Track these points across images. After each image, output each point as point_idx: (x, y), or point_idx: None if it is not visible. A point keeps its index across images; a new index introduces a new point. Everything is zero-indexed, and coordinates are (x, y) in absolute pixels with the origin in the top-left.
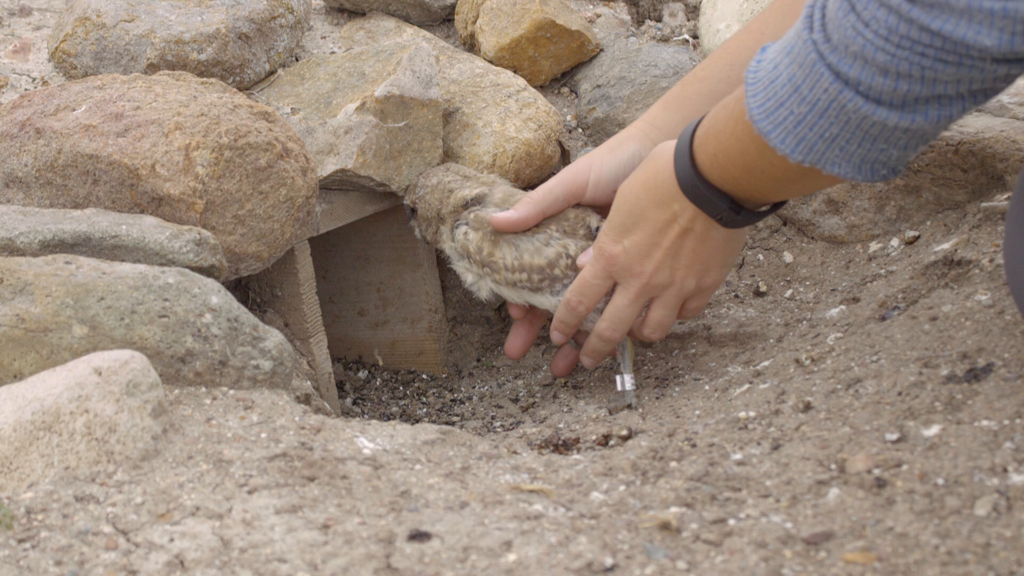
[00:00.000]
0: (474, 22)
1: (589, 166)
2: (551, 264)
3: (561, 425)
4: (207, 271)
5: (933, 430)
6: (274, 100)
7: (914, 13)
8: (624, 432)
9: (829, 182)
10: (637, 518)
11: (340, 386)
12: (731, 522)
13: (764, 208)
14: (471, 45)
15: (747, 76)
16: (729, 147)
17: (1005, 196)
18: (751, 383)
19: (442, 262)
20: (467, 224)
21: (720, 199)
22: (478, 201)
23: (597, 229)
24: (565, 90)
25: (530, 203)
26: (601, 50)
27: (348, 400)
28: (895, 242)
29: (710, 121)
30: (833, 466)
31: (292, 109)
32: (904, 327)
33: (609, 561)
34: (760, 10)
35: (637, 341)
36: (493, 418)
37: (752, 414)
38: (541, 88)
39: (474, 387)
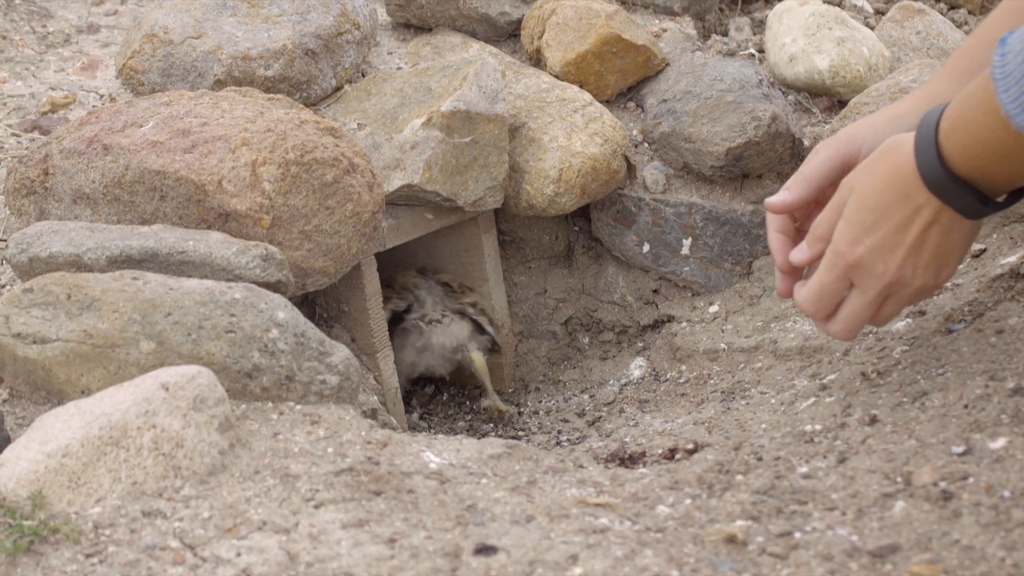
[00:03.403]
0: (540, 37)
1: (864, 135)
2: None
3: (627, 439)
4: (274, 286)
5: (999, 443)
6: (341, 115)
7: None
8: (690, 446)
9: None
10: (703, 531)
11: (407, 401)
12: (797, 535)
13: (1002, 198)
14: (537, 60)
15: (994, 72)
16: (981, 139)
17: None
18: (817, 396)
19: (508, 276)
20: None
21: (967, 191)
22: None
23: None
24: (631, 104)
25: (801, 181)
26: (667, 64)
27: (415, 415)
28: None
29: (956, 112)
30: (899, 479)
31: (359, 124)
32: (970, 340)
33: (675, 575)
34: (825, 24)
35: None
36: (559, 432)
37: (818, 427)
38: (607, 103)
39: (540, 401)
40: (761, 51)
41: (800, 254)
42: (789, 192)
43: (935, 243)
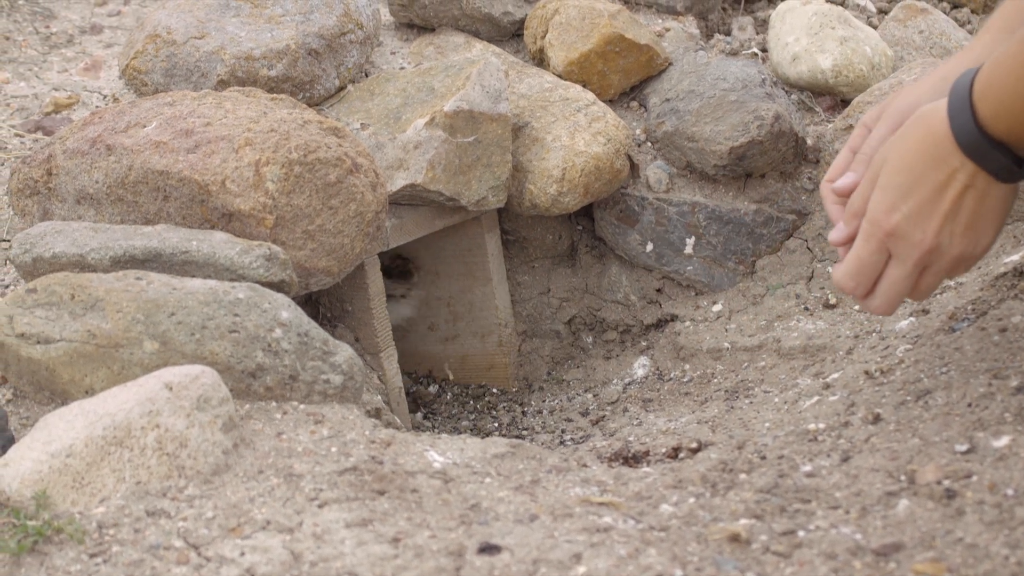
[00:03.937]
0: (543, 37)
1: (915, 104)
2: None
3: (631, 438)
4: (277, 286)
5: (1003, 441)
6: (344, 115)
7: None
8: (694, 445)
9: None
10: (707, 530)
11: (411, 400)
12: (801, 534)
13: None
14: (540, 60)
15: None
16: (1015, 100)
17: None
18: (821, 395)
19: (512, 276)
20: None
21: (1002, 153)
22: None
23: None
24: (634, 104)
25: (864, 160)
26: (670, 64)
27: (419, 414)
28: None
29: (990, 73)
30: (903, 477)
31: (362, 124)
32: (973, 338)
33: (679, 573)
34: (827, 24)
35: None
36: (563, 431)
37: (822, 426)
38: (610, 102)
39: (544, 401)
40: (764, 50)
41: (837, 233)
42: (855, 173)
43: (971, 208)
